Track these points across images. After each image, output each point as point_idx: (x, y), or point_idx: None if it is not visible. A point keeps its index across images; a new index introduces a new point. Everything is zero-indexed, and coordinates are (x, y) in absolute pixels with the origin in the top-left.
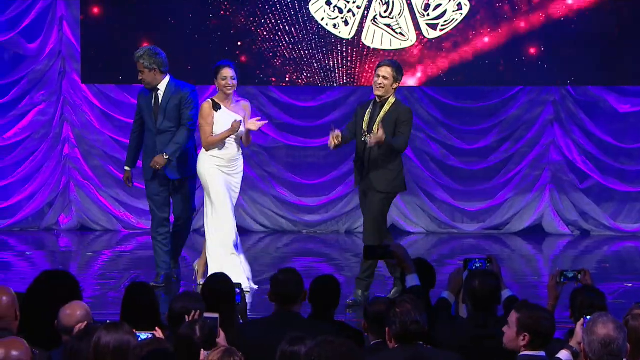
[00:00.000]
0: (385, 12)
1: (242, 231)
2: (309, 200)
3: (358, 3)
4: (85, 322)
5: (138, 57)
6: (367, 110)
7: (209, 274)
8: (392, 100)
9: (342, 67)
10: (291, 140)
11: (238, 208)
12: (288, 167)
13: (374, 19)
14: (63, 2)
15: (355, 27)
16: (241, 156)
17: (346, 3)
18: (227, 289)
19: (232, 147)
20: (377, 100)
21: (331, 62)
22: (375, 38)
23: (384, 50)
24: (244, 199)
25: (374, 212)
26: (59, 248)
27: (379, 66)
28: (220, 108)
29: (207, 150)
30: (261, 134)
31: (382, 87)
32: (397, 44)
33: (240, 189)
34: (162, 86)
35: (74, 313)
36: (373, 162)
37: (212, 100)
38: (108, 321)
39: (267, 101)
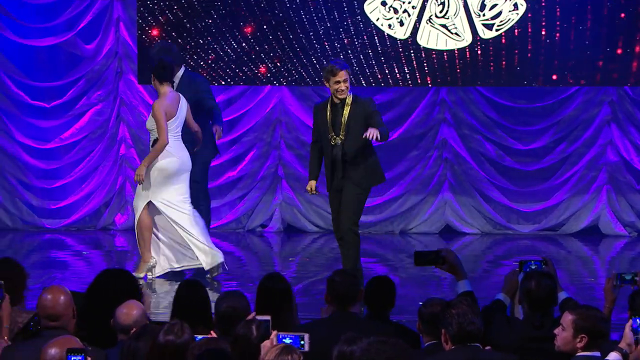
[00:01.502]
0: (441, 12)
1: (297, 231)
2: None
3: (413, 3)
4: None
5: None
6: (327, 113)
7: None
8: (350, 97)
9: (397, 68)
10: None
11: (292, 208)
12: None
13: (429, 19)
14: (120, 3)
15: (411, 28)
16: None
17: (401, 3)
18: (284, 287)
19: None
20: (336, 101)
21: (386, 63)
22: (431, 38)
23: (439, 50)
24: (299, 200)
25: (356, 204)
26: (116, 248)
27: (332, 73)
28: None
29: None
30: None
31: (345, 91)
32: (452, 44)
33: (295, 189)
34: (177, 79)
35: (130, 312)
36: (351, 160)
37: None
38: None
39: (321, 100)
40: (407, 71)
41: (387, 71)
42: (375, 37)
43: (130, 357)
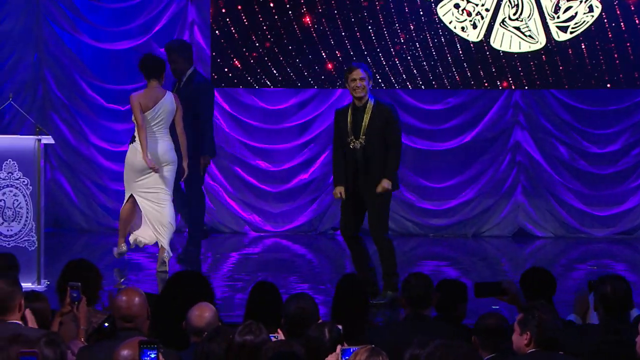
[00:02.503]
0: (515, 14)
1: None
2: (435, 204)
3: (487, 6)
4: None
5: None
6: (349, 116)
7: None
8: (371, 102)
9: (470, 70)
10: (418, 144)
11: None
12: (415, 171)
13: (503, 21)
14: (194, 7)
15: (484, 30)
16: None
17: (474, 6)
18: (360, 289)
19: None
20: (357, 104)
21: (458, 65)
22: (504, 41)
23: (513, 53)
24: None
25: (384, 210)
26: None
27: (349, 71)
28: None
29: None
30: None
31: (362, 89)
32: (526, 47)
33: None
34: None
35: (203, 314)
36: (371, 166)
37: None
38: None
39: (394, 104)
40: (480, 74)
41: (459, 74)
42: (450, 40)
43: (203, 359)
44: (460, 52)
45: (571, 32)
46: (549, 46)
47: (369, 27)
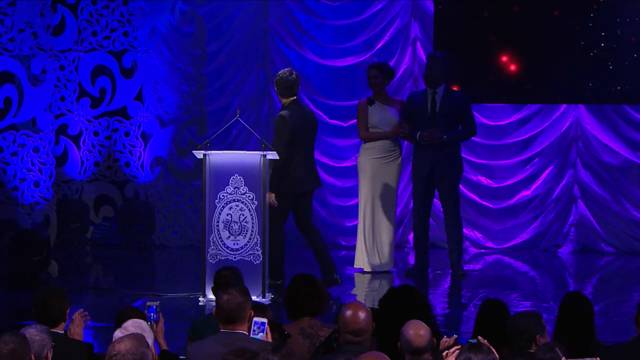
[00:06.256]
0: None
1: (592, 252)
2: None
3: None
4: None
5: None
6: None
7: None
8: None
9: None
10: None
11: (587, 228)
12: None
13: None
14: (417, 23)
15: None
16: (398, 146)
17: None
18: (587, 306)
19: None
20: None
21: None
22: None
23: None
24: (595, 220)
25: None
26: (408, 265)
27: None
28: (374, 103)
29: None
30: (613, 153)
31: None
32: None
33: (592, 209)
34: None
35: (418, 332)
36: None
37: (368, 98)
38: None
39: (620, 120)
40: None
41: None
42: None
43: None
44: None
45: None
46: None
47: (587, 42)
